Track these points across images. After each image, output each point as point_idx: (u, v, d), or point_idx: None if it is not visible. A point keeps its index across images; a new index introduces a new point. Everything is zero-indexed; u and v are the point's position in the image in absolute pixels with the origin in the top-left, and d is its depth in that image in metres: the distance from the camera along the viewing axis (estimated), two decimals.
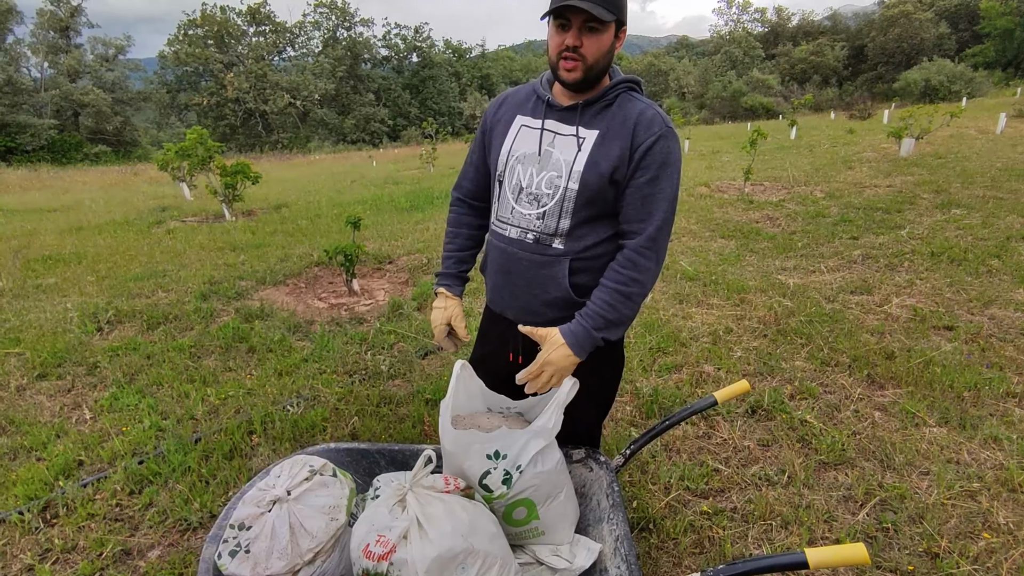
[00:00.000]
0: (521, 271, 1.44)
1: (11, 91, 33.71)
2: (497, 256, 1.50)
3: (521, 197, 1.40)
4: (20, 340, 3.91)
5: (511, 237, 1.44)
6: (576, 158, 1.33)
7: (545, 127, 1.38)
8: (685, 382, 3.05)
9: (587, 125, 1.35)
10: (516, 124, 1.43)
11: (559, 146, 1.36)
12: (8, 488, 2.32)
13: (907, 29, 46.49)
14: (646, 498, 2.15)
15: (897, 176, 8.87)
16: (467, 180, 1.63)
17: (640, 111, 1.33)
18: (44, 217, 10.48)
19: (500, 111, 1.49)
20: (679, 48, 69.19)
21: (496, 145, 1.46)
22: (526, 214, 1.40)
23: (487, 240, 1.56)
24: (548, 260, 1.40)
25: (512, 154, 1.41)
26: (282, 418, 2.79)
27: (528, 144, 1.39)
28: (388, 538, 1.15)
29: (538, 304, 1.45)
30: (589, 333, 1.35)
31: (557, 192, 1.35)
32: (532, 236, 1.40)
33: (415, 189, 11.84)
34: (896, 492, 2.12)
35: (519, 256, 1.43)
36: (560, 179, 1.35)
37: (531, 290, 1.45)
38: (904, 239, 5.53)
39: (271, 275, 5.36)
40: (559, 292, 1.41)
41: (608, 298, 1.34)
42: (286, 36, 47.92)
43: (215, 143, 9.54)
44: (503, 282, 1.50)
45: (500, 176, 1.45)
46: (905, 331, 3.53)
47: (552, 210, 1.37)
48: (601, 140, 1.32)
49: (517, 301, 1.49)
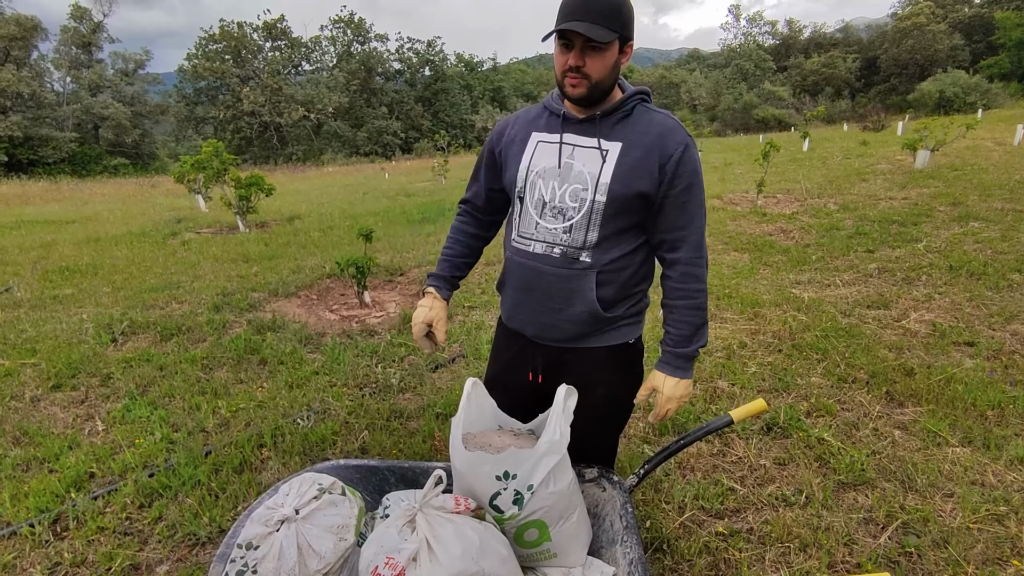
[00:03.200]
0: (545, 287, 1.43)
1: (35, 105, 34.55)
2: (518, 272, 1.48)
3: (545, 212, 1.39)
4: (36, 350, 3.95)
5: (535, 252, 1.42)
6: (602, 170, 1.32)
7: (564, 140, 1.37)
8: (699, 398, 3.00)
9: (607, 137, 1.34)
10: (532, 141, 1.43)
11: (580, 158, 1.35)
12: (20, 500, 2.32)
13: (920, 41, 46.22)
14: (659, 518, 2.11)
15: (913, 188, 8.76)
16: (471, 194, 1.65)
17: (661, 122, 1.34)
18: (63, 228, 10.66)
19: (512, 131, 1.49)
20: (690, 60, 69.32)
21: (513, 164, 1.46)
22: (552, 228, 1.39)
23: (505, 258, 1.54)
24: (575, 274, 1.39)
25: (531, 170, 1.41)
26: (292, 432, 2.78)
27: (548, 158, 1.39)
28: (397, 560, 1.12)
29: (560, 320, 1.44)
30: (680, 355, 1.42)
31: (584, 205, 1.34)
32: (559, 250, 1.39)
33: (427, 201, 11.90)
34: (919, 515, 2.05)
35: (544, 271, 1.41)
36: (586, 192, 1.34)
37: (554, 305, 1.43)
38: (921, 252, 5.45)
39: (283, 287, 5.39)
40: (585, 306, 1.40)
41: (683, 317, 1.41)
42: (301, 51, 48.68)
43: (230, 155, 9.68)
44: (523, 299, 1.49)
45: (520, 193, 1.43)
46: (924, 347, 3.46)
47: (579, 223, 1.36)
48: (626, 152, 1.32)
49: (538, 317, 1.47)
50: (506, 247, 1.53)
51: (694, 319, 1.41)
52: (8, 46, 34.73)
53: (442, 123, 50.48)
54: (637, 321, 1.51)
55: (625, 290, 1.44)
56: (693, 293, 1.40)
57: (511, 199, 1.49)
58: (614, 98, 1.36)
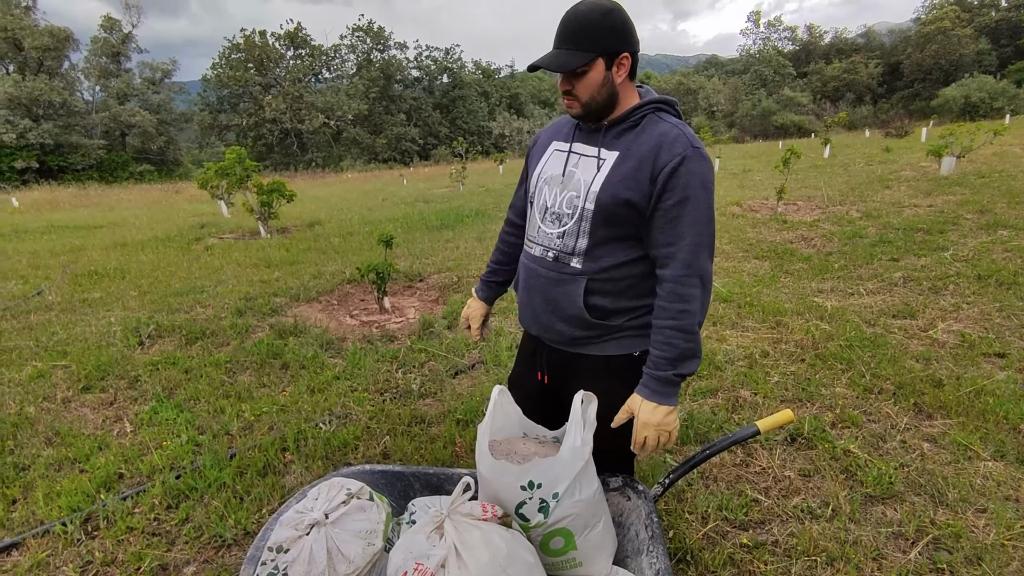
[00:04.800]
0: (540, 288, 1.48)
1: (65, 113, 35.58)
2: (523, 273, 1.55)
3: (546, 217, 1.45)
4: (67, 353, 4.05)
5: (535, 255, 1.49)
6: (594, 178, 1.35)
7: (572, 149, 1.43)
8: (721, 407, 2.97)
9: (608, 146, 1.36)
10: (550, 148, 1.50)
11: (581, 167, 1.39)
12: (53, 499, 2.38)
13: (945, 45, 45.46)
14: (683, 528, 2.09)
15: (938, 196, 8.60)
16: (516, 199, 1.73)
17: (663, 132, 1.30)
18: (91, 233, 10.93)
19: (542, 139, 1.57)
20: (708, 67, 68.98)
21: (532, 169, 1.55)
22: (549, 233, 1.44)
23: (520, 259, 1.62)
24: (565, 278, 1.43)
25: (541, 176, 1.48)
26: (315, 435, 2.81)
27: (555, 166, 1.45)
28: (426, 567, 1.13)
29: (556, 321, 1.47)
30: (659, 378, 1.35)
31: (576, 211, 1.38)
32: (552, 254, 1.44)
33: (445, 207, 11.98)
34: (950, 530, 2.01)
35: (540, 273, 1.47)
36: (578, 199, 1.37)
37: (548, 307, 1.48)
38: (948, 261, 5.34)
39: (304, 292, 5.46)
40: (574, 311, 1.42)
41: (662, 338, 1.34)
42: (322, 59, 49.45)
43: (252, 162, 9.85)
44: (527, 299, 1.54)
45: (531, 197, 1.51)
46: (953, 358, 3.39)
47: (571, 229, 1.39)
48: (620, 161, 1.33)
49: (538, 317, 1.52)
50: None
51: (677, 341, 1.32)
52: (42, 56, 35.84)
53: (460, 130, 50.82)
54: (642, 334, 1.43)
55: (624, 301, 1.41)
56: (677, 314, 1.31)
57: None
58: (624, 107, 1.36)
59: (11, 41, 34.99)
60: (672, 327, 1.32)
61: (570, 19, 1.26)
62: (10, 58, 35.86)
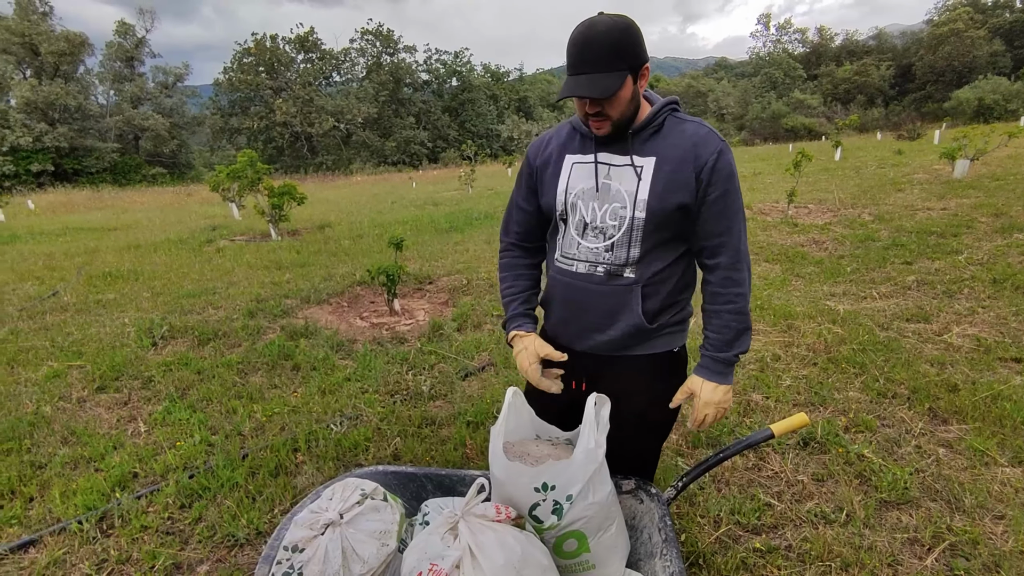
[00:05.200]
0: (591, 304, 1.45)
1: (80, 117, 36.10)
2: (563, 291, 1.49)
3: (587, 233, 1.41)
4: (82, 353, 4.10)
5: (579, 272, 1.44)
6: (639, 187, 1.34)
7: (599, 160, 1.38)
8: (733, 411, 2.95)
9: (640, 153, 1.35)
10: (567, 163, 1.44)
11: (616, 177, 1.36)
12: (69, 497, 2.41)
13: (958, 47, 45.04)
14: (695, 532, 2.08)
15: (952, 199, 8.51)
16: (515, 224, 1.60)
17: (693, 131, 1.34)
18: (105, 235, 11.06)
19: (546, 151, 1.49)
20: (718, 69, 68.76)
21: (550, 186, 1.46)
22: (594, 248, 1.41)
23: (550, 276, 1.55)
24: (619, 290, 1.41)
25: (570, 192, 1.42)
26: (326, 437, 2.83)
27: (584, 180, 1.40)
28: (441, 567, 1.14)
29: (608, 334, 1.46)
30: (720, 359, 1.42)
31: (624, 223, 1.36)
32: (603, 269, 1.41)
33: (455, 210, 12.01)
34: (968, 537, 1.98)
35: (589, 289, 1.43)
36: (625, 210, 1.35)
37: (601, 321, 1.45)
38: (962, 265, 5.28)
39: (315, 294, 5.50)
40: (632, 320, 1.42)
41: (720, 321, 1.41)
42: (332, 62, 49.80)
43: (263, 165, 9.93)
44: (570, 316, 1.50)
45: (562, 215, 1.44)
46: (968, 362, 3.35)
47: (620, 241, 1.37)
48: (660, 166, 1.33)
49: (587, 333, 1.48)
50: (549, 266, 1.55)
51: (735, 323, 1.41)
52: (58, 61, 36.37)
53: (468, 133, 50.99)
54: (681, 330, 1.52)
55: (669, 299, 1.45)
56: (734, 297, 1.40)
57: (552, 220, 1.51)
58: (643, 113, 1.36)
59: (28, 46, 35.56)
60: (730, 311, 1.40)
61: (592, 41, 1.21)
62: (27, 63, 36.42)
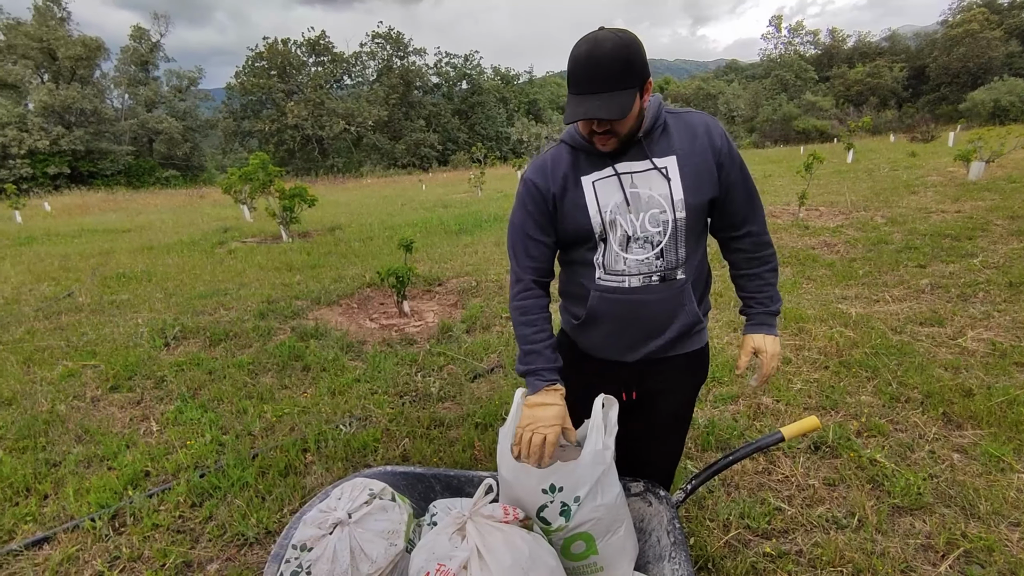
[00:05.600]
0: (649, 314, 1.43)
1: (96, 120, 36.62)
2: (614, 308, 1.43)
3: (631, 245, 1.37)
4: (96, 353, 4.15)
5: (633, 287, 1.40)
6: (671, 188, 1.33)
7: (619, 172, 1.35)
8: (742, 414, 2.93)
9: (656, 154, 1.34)
10: (587, 184, 1.38)
11: (642, 183, 1.34)
12: (83, 495, 2.44)
13: (973, 48, 44.50)
14: (704, 535, 2.06)
15: (966, 201, 8.40)
16: (530, 260, 1.46)
17: (697, 121, 1.39)
18: (119, 237, 11.20)
19: (558, 178, 1.40)
20: (728, 72, 68.44)
21: (577, 211, 1.38)
22: (643, 259, 1.38)
23: (593, 297, 1.44)
24: (676, 293, 1.42)
25: (603, 210, 1.36)
26: (335, 437, 2.84)
27: (612, 194, 1.35)
28: (449, 568, 1.14)
29: (666, 334, 1.46)
30: (771, 312, 1.52)
31: (668, 227, 1.35)
32: (657, 276, 1.39)
33: (464, 212, 12.03)
34: (982, 543, 1.95)
35: (647, 301, 1.41)
36: (665, 214, 1.34)
37: (660, 325, 1.45)
38: (977, 268, 5.21)
39: (325, 295, 5.53)
40: (688, 318, 1.45)
41: (761, 281, 1.51)
42: (343, 66, 50.18)
43: (275, 168, 10.02)
44: (621, 330, 1.46)
45: (601, 235, 1.38)
46: (983, 367, 3.30)
47: (668, 245, 1.37)
48: (683, 162, 1.34)
49: (642, 340, 1.47)
50: (585, 287, 1.45)
51: (773, 278, 1.52)
52: (74, 66, 36.95)
53: (478, 136, 51.13)
54: (706, 323, 1.57)
55: (706, 289, 1.53)
56: (768, 257, 1.50)
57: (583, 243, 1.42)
58: (644, 118, 1.34)
59: (47, 51, 36.16)
60: (768, 269, 1.51)
61: (601, 60, 1.18)
62: (45, 67, 37.03)
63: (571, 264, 1.51)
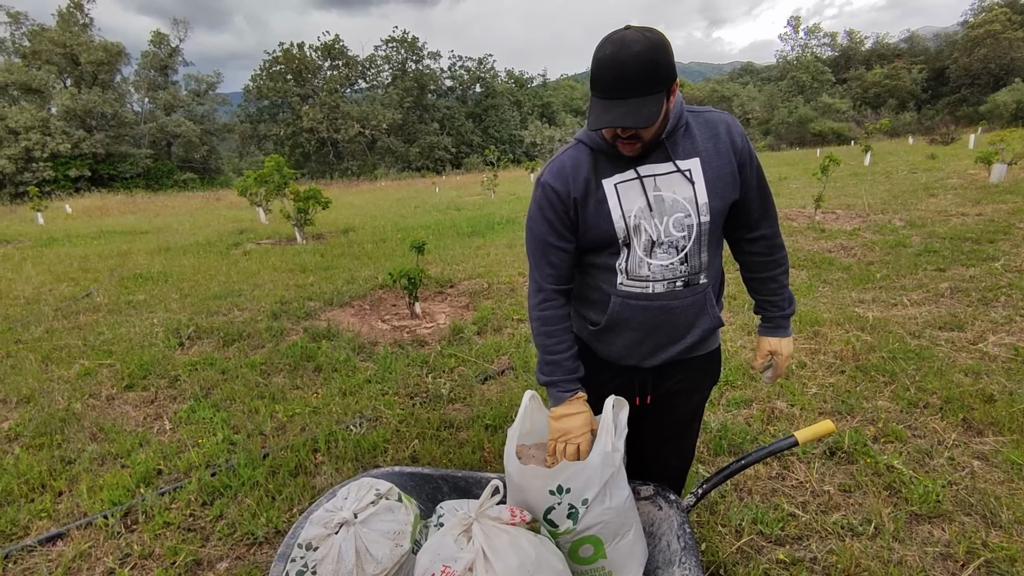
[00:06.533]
0: (673, 320, 1.40)
1: (116, 124, 37.34)
2: (638, 315, 1.40)
3: (656, 251, 1.33)
4: (112, 352, 4.21)
5: (657, 292, 1.36)
6: (695, 192, 1.29)
7: (641, 175, 1.30)
8: (755, 418, 2.89)
9: (679, 156, 1.30)
10: (609, 187, 1.32)
11: (665, 186, 1.30)
12: (96, 492, 2.47)
13: (995, 49, 43.74)
14: (716, 541, 2.03)
15: (988, 204, 8.24)
16: (553, 268, 1.41)
17: (717, 119, 1.35)
18: (137, 238, 11.38)
19: (578, 181, 1.34)
20: (743, 74, 67.96)
21: (600, 216, 1.33)
22: (668, 264, 1.34)
23: (615, 303, 1.40)
24: (700, 297, 1.40)
25: (627, 214, 1.31)
26: (345, 438, 2.84)
27: (634, 199, 1.31)
28: (453, 569, 1.13)
29: (688, 338, 1.44)
30: (787, 315, 1.55)
31: (692, 231, 1.31)
32: (682, 281, 1.36)
33: (477, 215, 12.05)
34: (1004, 553, 1.90)
35: (671, 306, 1.38)
36: (689, 218, 1.30)
37: (683, 330, 1.42)
38: (999, 272, 5.10)
39: (338, 297, 5.56)
40: (708, 322, 1.43)
41: (778, 284, 1.52)
42: (357, 69, 50.61)
43: (290, 170, 10.12)
44: (645, 336, 1.43)
45: (625, 240, 1.33)
46: (1005, 372, 3.22)
47: (692, 250, 1.34)
48: (706, 165, 1.30)
49: (664, 346, 1.44)
50: (605, 292, 1.42)
51: (787, 280, 1.53)
52: (96, 70, 37.69)
53: (492, 139, 51.26)
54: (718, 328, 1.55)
55: (721, 291, 1.52)
56: (782, 260, 1.51)
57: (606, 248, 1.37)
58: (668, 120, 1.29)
59: (69, 56, 36.93)
60: (782, 271, 1.51)
61: (628, 64, 1.11)
62: (68, 72, 37.81)
63: (589, 268, 1.44)
